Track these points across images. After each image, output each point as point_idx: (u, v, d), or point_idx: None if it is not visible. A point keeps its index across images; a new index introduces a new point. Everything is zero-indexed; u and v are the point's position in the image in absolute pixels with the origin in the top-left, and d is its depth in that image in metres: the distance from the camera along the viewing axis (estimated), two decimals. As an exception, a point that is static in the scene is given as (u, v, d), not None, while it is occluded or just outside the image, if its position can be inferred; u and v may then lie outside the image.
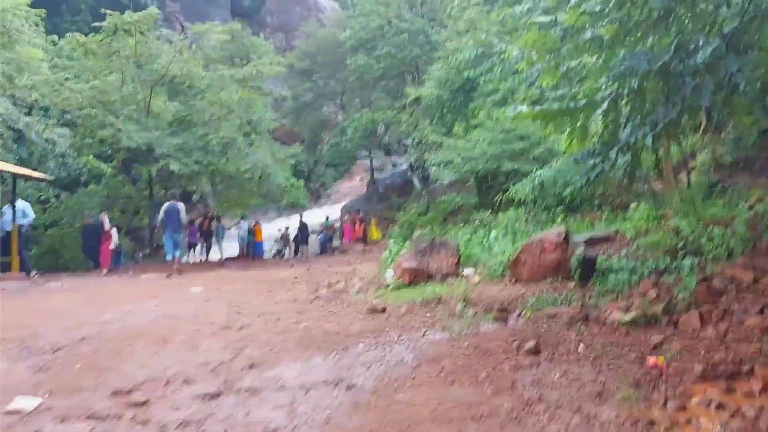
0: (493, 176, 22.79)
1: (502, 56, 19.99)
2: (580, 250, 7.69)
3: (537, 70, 7.62)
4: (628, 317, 5.85)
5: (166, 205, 16.02)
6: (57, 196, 22.32)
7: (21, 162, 16.29)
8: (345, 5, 44.11)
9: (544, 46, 7.63)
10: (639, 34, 7.37)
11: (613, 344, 5.30)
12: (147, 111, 24.19)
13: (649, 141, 6.71)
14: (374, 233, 29.16)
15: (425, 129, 25.52)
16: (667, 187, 11.73)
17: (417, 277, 8.88)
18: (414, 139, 31.19)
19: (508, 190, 20.16)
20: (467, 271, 9.69)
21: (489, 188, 24.09)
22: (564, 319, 6.14)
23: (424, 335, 5.94)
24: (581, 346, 5.29)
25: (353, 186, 45.75)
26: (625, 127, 7.72)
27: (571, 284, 7.59)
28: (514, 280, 8.25)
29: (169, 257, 16.21)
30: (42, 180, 14.55)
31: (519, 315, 6.56)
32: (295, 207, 33.36)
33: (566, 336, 5.63)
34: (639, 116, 7.51)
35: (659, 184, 13.39)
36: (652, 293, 6.42)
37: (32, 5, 39.62)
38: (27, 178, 14.28)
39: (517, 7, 7.63)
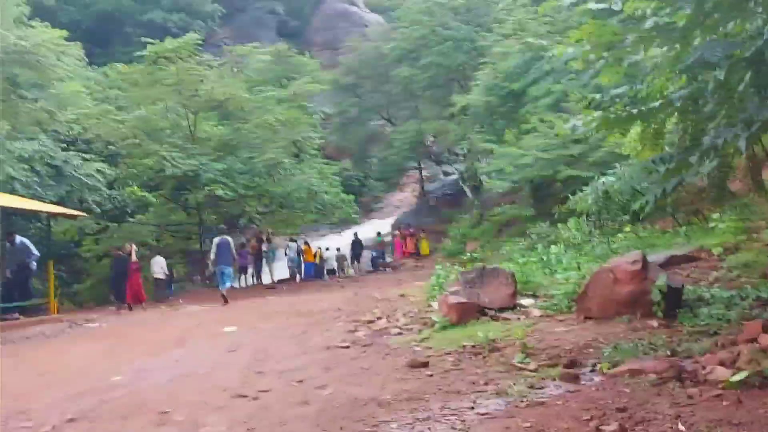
0: (549, 184, 21.26)
1: (552, 58, 18.53)
2: (661, 280, 6.27)
3: (594, 67, 6.31)
4: (737, 377, 4.45)
5: (217, 239, 16.45)
6: (105, 228, 22.03)
7: (60, 198, 15.90)
8: (389, 18, 43.19)
9: (602, 38, 6.22)
10: (718, 17, 5.88)
11: (724, 422, 3.93)
12: (192, 137, 23.74)
13: (742, 144, 5.26)
14: (423, 248, 27.90)
15: (474, 137, 24.19)
16: (754, 192, 10.07)
17: (466, 313, 7.61)
18: (464, 148, 29.86)
19: (565, 198, 18.63)
20: (526, 301, 8.36)
21: (544, 196, 22.52)
22: (651, 378, 4.78)
23: (473, 406, 4.69)
24: (680, 425, 3.93)
25: (404, 197, 44.55)
26: (708, 128, 6.32)
27: (653, 323, 6.18)
28: (582, 316, 6.89)
29: (221, 287, 16.36)
30: (75, 217, 13.95)
31: (592, 371, 5.22)
32: (348, 222, 32.42)
33: (657, 407, 4.27)
34: (726, 114, 6.10)
35: (740, 185, 11.71)
36: (765, 340, 4.98)
37: (84, 38, 40.28)
38: (61, 216, 13.74)
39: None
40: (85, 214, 13.40)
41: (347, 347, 7.35)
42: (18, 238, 13.00)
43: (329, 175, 27.00)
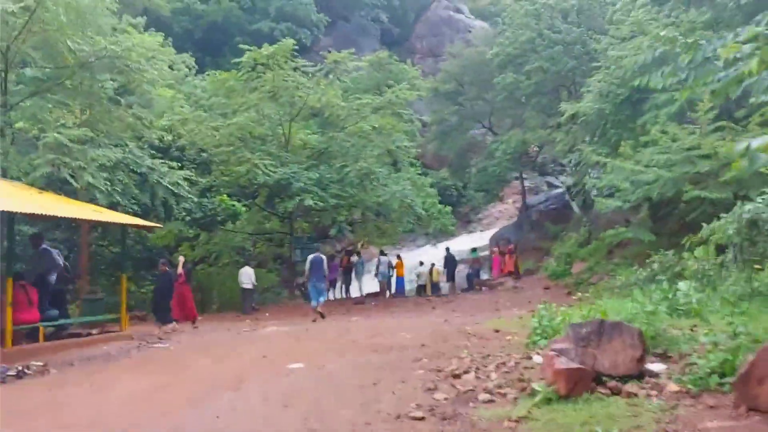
0: (672, 204, 18.65)
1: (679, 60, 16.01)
2: None
3: None
4: None
5: (311, 257, 16.89)
6: (197, 236, 21.71)
7: (144, 207, 15.42)
8: (495, 24, 41.23)
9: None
10: None
11: None
12: (287, 145, 23.03)
13: None
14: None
15: (585, 149, 21.84)
16: None
17: (578, 384, 5.81)
18: (571, 160, 27.41)
19: (691, 223, 16.13)
20: (656, 367, 6.43)
21: (665, 218, 19.85)
22: None
23: None
24: None
25: (505, 209, 42.25)
26: None
27: None
28: (744, 407, 4.92)
29: (313, 303, 16.82)
30: (150, 228, 13.22)
31: None
32: (445, 234, 30.79)
33: None
34: None
35: None
36: None
37: (195, 48, 41.13)
38: (136, 227, 13.06)
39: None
40: (159, 225, 12.71)
41: (422, 418, 5.75)
42: (44, 245, 12.07)
43: (424, 186, 25.47)
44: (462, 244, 33.92)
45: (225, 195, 19.76)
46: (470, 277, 24.83)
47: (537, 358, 7.51)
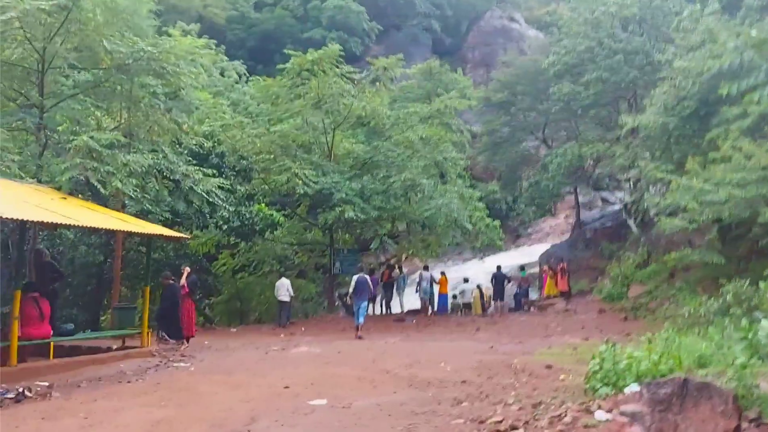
0: (744, 227, 16.92)
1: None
2: None
3: None
4: None
5: (356, 277, 17.06)
6: (237, 244, 21.07)
7: (175, 215, 14.72)
8: (550, 32, 39.66)
9: None
10: None
11: None
12: (330, 154, 22.20)
13: None
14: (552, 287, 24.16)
15: (646, 164, 20.22)
16: None
17: (657, 463, 4.58)
18: (630, 176, 25.71)
19: (764, 245, 14.52)
20: (754, 440, 5.12)
21: (736, 241, 18.11)
22: None
23: None
24: None
25: (557, 224, 40.41)
26: None
27: None
28: None
29: (357, 322, 16.73)
30: (178, 239, 12.42)
31: None
32: (492, 248, 29.33)
33: None
34: None
35: None
36: None
37: (247, 56, 40.93)
38: (161, 237, 12.28)
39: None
40: (187, 236, 11.93)
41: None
42: (44, 255, 11.44)
43: (472, 199, 24.21)
44: (510, 259, 32.38)
45: (263, 204, 19.00)
46: (518, 296, 23.38)
47: (600, 414, 6.24)
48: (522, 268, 24.90)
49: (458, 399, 7.69)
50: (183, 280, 14.39)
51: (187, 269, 14.33)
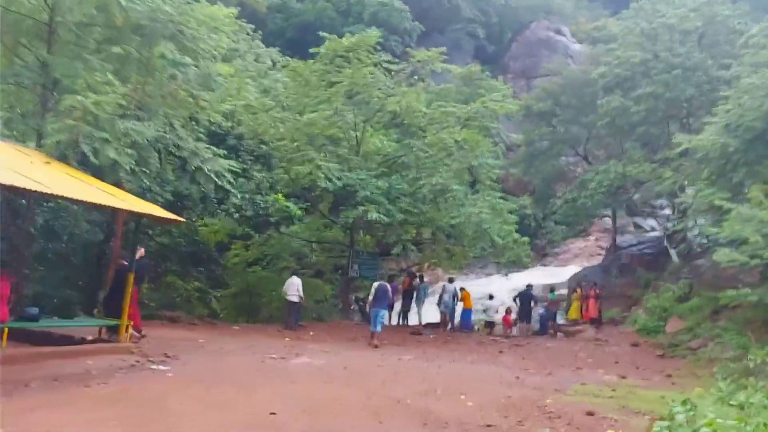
0: (814, 267, 14.96)
1: None
2: None
3: None
4: None
5: (376, 284, 16.40)
6: (250, 236, 19.62)
7: (178, 196, 13.23)
8: (597, 47, 37.63)
9: None
10: None
11: None
12: (358, 149, 20.63)
13: None
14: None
15: (700, 190, 18.26)
16: None
17: None
18: (675, 202, 23.71)
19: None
20: None
21: (801, 282, 16.09)
22: None
23: None
24: None
25: (586, 247, 38.30)
26: None
27: None
28: None
29: (372, 329, 16.01)
30: (172, 222, 10.79)
31: None
32: (517, 265, 27.41)
33: None
34: None
35: None
36: None
37: (285, 46, 39.63)
38: (154, 219, 10.67)
39: None
40: (181, 219, 10.37)
41: None
42: None
43: (504, 212, 22.42)
44: (535, 278, 30.45)
45: (281, 195, 17.53)
46: (544, 319, 21.47)
47: None
48: (552, 290, 22.98)
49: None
50: (136, 261, 11.48)
51: (141, 250, 11.91)
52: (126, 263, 11.35)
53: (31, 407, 6.20)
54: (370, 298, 16.27)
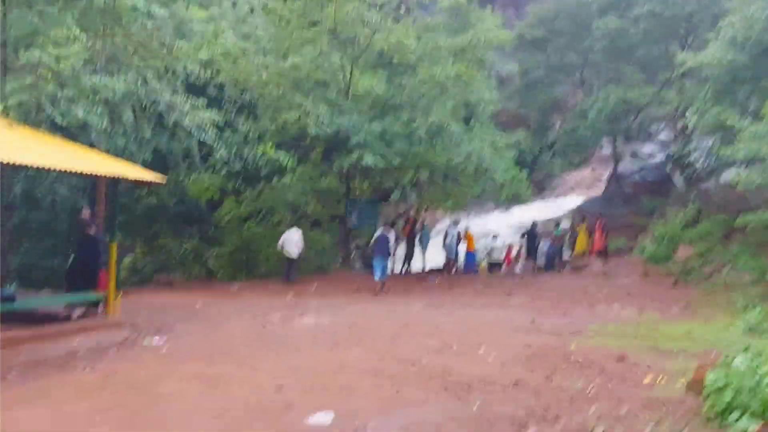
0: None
1: None
2: None
3: None
4: None
5: (377, 234, 16.31)
6: (240, 191, 18.72)
7: (158, 154, 12.21)
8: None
9: None
10: None
11: None
12: (348, 93, 19.44)
13: None
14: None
15: (707, 110, 17.31)
16: None
17: None
18: (680, 124, 22.79)
19: None
20: None
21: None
22: None
23: None
24: None
25: (582, 178, 37.51)
26: None
27: None
28: None
29: (375, 278, 15.75)
30: (152, 183, 9.77)
31: None
32: (516, 200, 26.59)
33: None
34: None
35: None
36: None
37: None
38: (132, 181, 9.66)
39: None
40: (160, 180, 9.40)
41: None
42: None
43: (503, 148, 21.47)
44: (534, 212, 29.85)
45: (270, 146, 16.50)
46: (550, 255, 20.81)
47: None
48: (556, 224, 22.24)
49: (517, 419, 5.33)
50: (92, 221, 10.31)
51: (87, 211, 10.50)
52: (91, 232, 10.05)
53: (8, 403, 5.46)
54: (371, 247, 16.00)
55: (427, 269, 20.09)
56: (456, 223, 20.59)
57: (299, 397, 5.91)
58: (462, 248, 20.02)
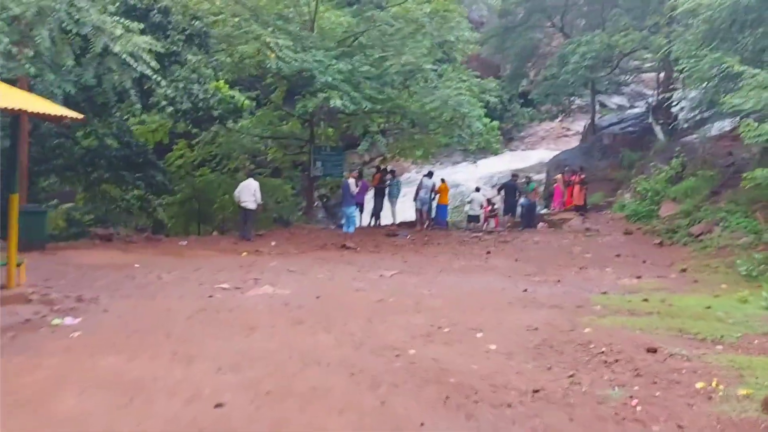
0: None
1: None
2: None
3: None
4: None
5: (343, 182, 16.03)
6: (193, 135, 16.58)
7: (82, 88, 9.95)
8: None
9: None
10: None
11: None
12: (312, 26, 17.22)
13: None
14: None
15: (705, 55, 15.72)
16: None
17: None
18: (666, 72, 21.29)
19: None
20: None
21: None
22: None
23: None
24: None
25: (551, 129, 36.09)
26: None
27: None
28: None
29: (343, 229, 15.54)
30: (60, 119, 7.66)
31: None
32: (485, 151, 24.92)
33: None
34: None
35: None
36: None
37: None
38: (40, 117, 7.59)
39: None
40: (79, 116, 7.39)
41: None
42: None
43: (478, 94, 19.65)
44: (503, 164, 28.44)
45: (224, 83, 14.30)
46: (526, 210, 19.31)
47: None
48: (528, 180, 20.67)
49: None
50: None
51: None
52: None
53: None
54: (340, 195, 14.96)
55: (397, 223, 18.44)
56: (430, 174, 18.85)
57: (246, 418, 4.20)
58: (435, 200, 18.37)
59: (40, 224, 11.50)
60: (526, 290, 9.48)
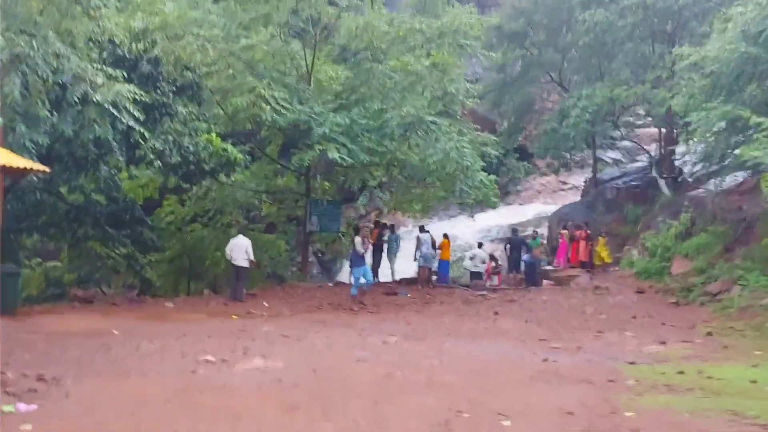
0: None
1: None
2: None
3: None
4: None
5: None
6: (184, 189, 15.81)
7: (67, 144, 9.13)
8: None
9: None
10: None
11: None
12: (309, 78, 16.73)
13: None
14: (603, 254, 19.26)
15: (714, 107, 15.18)
16: None
17: None
18: (668, 125, 20.82)
19: None
20: None
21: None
22: None
23: None
24: None
25: (548, 182, 35.66)
26: None
27: None
28: None
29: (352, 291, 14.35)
30: (25, 172, 6.75)
31: None
32: (482, 206, 24.12)
33: None
34: None
35: None
36: None
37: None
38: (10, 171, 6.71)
39: None
40: (44, 168, 6.57)
41: None
42: None
43: (481, 146, 19.11)
44: (500, 218, 27.72)
45: (216, 135, 13.61)
46: (530, 267, 18.42)
47: None
48: (535, 235, 19.87)
49: None
50: None
51: None
52: None
53: None
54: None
55: (397, 280, 17.49)
56: (422, 229, 17.97)
57: None
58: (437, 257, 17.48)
59: (12, 287, 10.55)
60: (546, 360, 8.49)
